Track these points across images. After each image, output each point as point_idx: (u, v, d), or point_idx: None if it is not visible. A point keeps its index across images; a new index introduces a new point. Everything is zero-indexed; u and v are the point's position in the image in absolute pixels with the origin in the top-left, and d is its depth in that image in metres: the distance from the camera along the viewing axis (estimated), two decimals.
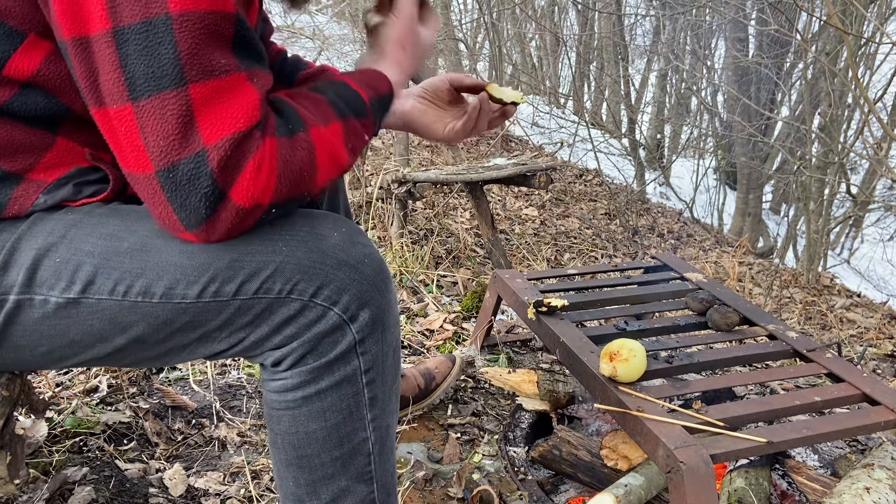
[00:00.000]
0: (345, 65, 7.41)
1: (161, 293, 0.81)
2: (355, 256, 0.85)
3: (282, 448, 0.91)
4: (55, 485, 1.29)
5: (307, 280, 0.82)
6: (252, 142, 0.76)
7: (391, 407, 0.94)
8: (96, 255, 0.81)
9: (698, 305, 1.76)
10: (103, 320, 0.82)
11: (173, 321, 0.82)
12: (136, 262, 0.81)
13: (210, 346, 0.86)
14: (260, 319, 0.83)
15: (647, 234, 5.44)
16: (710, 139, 10.20)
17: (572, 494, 1.52)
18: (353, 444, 0.90)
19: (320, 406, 0.87)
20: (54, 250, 0.81)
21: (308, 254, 0.83)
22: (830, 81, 5.34)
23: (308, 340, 0.84)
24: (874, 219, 9.24)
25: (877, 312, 4.21)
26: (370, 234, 3.01)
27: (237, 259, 0.81)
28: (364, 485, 0.92)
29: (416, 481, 1.46)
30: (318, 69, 1.25)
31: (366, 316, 0.85)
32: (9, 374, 0.98)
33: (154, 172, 0.74)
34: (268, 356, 0.87)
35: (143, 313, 0.82)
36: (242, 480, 1.42)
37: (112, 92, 0.72)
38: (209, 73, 0.73)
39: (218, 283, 0.81)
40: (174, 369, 1.81)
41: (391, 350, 0.91)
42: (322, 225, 0.86)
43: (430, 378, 1.73)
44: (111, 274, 0.81)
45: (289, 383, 0.87)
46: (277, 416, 0.89)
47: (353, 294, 0.84)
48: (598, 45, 9.71)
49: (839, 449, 1.70)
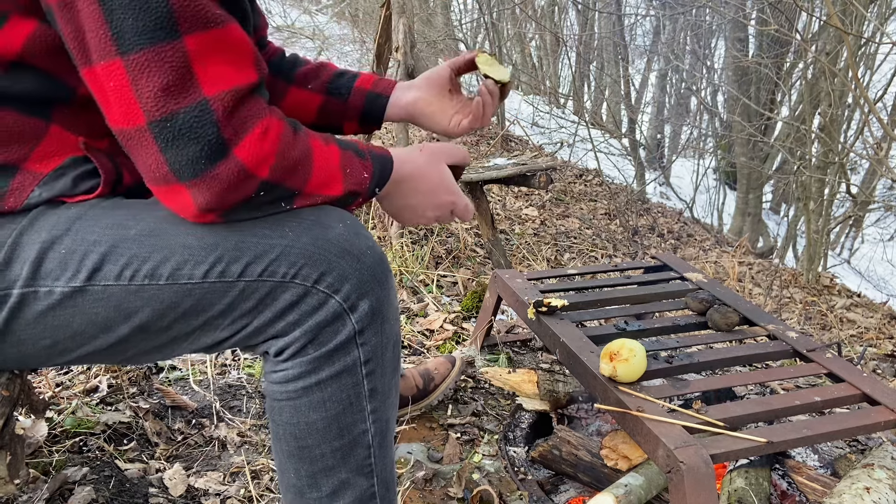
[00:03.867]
0: (345, 65, 7.41)
1: (168, 274, 0.82)
2: (358, 247, 0.86)
3: (283, 439, 0.92)
4: (55, 485, 1.29)
5: (311, 266, 0.84)
6: (258, 106, 0.77)
7: (391, 401, 0.95)
8: (103, 244, 0.82)
9: (698, 305, 1.76)
10: (108, 308, 0.82)
11: (178, 304, 0.83)
12: (144, 247, 0.82)
13: (213, 333, 0.87)
14: (263, 305, 0.84)
15: (647, 234, 5.44)
16: (710, 139, 10.20)
17: (572, 494, 1.52)
18: (354, 436, 0.91)
19: (321, 396, 0.88)
20: (59, 242, 0.81)
21: (313, 241, 0.84)
22: (830, 81, 5.34)
23: (310, 329, 0.85)
24: (874, 219, 9.24)
25: (877, 312, 4.21)
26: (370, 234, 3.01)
27: (243, 240, 0.83)
28: (364, 478, 0.93)
29: (416, 481, 1.46)
30: (316, 65, 1.25)
31: (365, 306, 0.86)
32: (9, 374, 0.98)
33: (146, 124, 0.73)
34: (270, 345, 0.88)
35: (149, 297, 0.82)
36: (242, 480, 1.42)
37: (99, 48, 0.72)
38: (205, 23, 0.73)
39: (224, 263, 0.82)
40: (174, 369, 1.81)
41: (391, 343, 0.92)
42: (327, 216, 0.88)
43: (430, 379, 1.73)
44: (118, 260, 0.81)
45: (290, 374, 0.87)
46: (279, 407, 0.90)
47: (354, 283, 0.85)
48: (598, 45, 9.71)
49: (839, 449, 1.70)
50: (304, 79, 1.21)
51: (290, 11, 8.44)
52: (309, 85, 1.21)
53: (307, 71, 1.23)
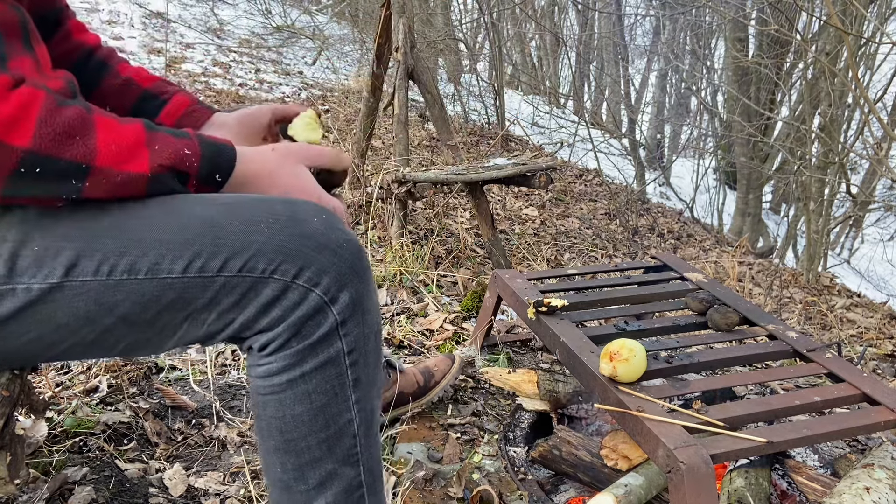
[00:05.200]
0: (345, 65, 7.40)
1: (146, 269, 0.82)
2: (335, 241, 0.87)
3: (268, 434, 0.92)
4: (55, 485, 1.29)
5: (289, 261, 0.85)
6: None
7: (375, 390, 0.96)
8: (76, 239, 0.81)
9: (698, 305, 1.76)
10: (89, 302, 0.82)
11: (159, 298, 0.83)
12: (119, 241, 0.82)
13: (201, 327, 0.87)
14: (246, 300, 0.85)
15: (647, 234, 5.44)
16: (710, 139, 10.20)
17: (572, 494, 1.52)
18: (339, 426, 0.91)
19: (305, 388, 0.88)
20: (31, 239, 0.81)
21: (289, 237, 0.85)
22: (830, 81, 5.34)
23: (293, 324, 0.86)
24: (874, 219, 9.24)
25: (877, 312, 4.20)
26: (370, 233, 3.01)
27: (220, 236, 0.83)
28: (351, 468, 0.93)
29: (416, 481, 1.46)
30: (122, 81, 1.11)
31: (346, 298, 0.87)
32: (9, 374, 0.98)
33: None
34: (255, 340, 0.88)
35: (129, 291, 0.82)
36: (242, 480, 1.42)
37: None
38: None
39: (203, 258, 0.83)
40: (174, 369, 1.81)
41: (372, 333, 0.93)
42: (303, 210, 0.88)
43: (430, 376, 1.73)
44: (94, 255, 0.81)
45: (274, 367, 0.88)
46: (264, 401, 0.91)
47: (333, 276, 0.86)
48: (598, 45, 9.72)
49: (839, 449, 1.70)
50: (102, 100, 1.09)
51: (290, 11, 8.43)
52: (108, 107, 1.09)
53: (109, 88, 1.10)
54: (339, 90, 6.26)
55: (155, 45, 6.00)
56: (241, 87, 5.69)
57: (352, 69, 7.20)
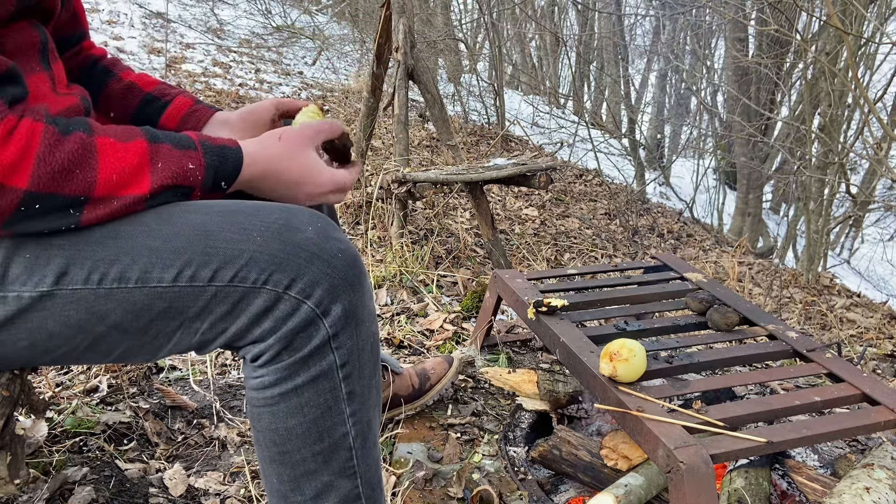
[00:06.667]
0: (345, 65, 7.41)
1: (136, 277, 0.81)
2: (329, 251, 0.86)
3: (264, 445, 0.92)
4: (55, 485, 1.29)
5: (281, 271, 0.83)
6: None
7: (371, 402, 0.94)
8: (66, 247, 0.81)
9: (698, 305, 1.76)
10: (80, 310, 0.82)
11: (151, 307, 0.83)
12: (109, 249, 0.81)
13: (194, 336, 0.87)
14: (238, 310, 0.84)
15: (647, 234, 5.44)
16: (710, 139, 10.20)
17: (572, 494, 1.52)
18: (334, 439, 0.90)
19: (298, 402, 0.88)
20: (23, 248, 0.81)
21: (282, 246, 0.84)
22: (830, 81, 5.34)
23: (284, 336, 0.85)
24: (874, 219, 9.24)
25: (877, 312, 4.20)
26: (370, 234, 3.01)
27: (212, 245, 0.82)
28: (347, 480, 0.93)
29: (416, 481, 1.46)
30: (125, 86, 1.12)
31: (338, 310, 0.86)
32: (9, 374, 0.98)
33: None
34: (248, 350, 0.88)
35: (120, 299, 0.82)
36: (242, 480, 1.42)
37: None
38: None
39: (193, 267, 0.82)
40: (174, 369, 1.81)
41: (367, 345, 0.91)
42: (297, 218, 0.87)
43: (426, 378, 1.73)
44: (84, 263, 0.81)
45: (266, 380, 0.88)
46: (258, 413, 0.90)
47: (325, 288, 0.85)
48: (598, 45, 9.72)
49: (839, 449, 1.70)
50: (107, 104, 1.12)
51: (290, 11, 8.43)
52: (112, 113, 1.12)
53: (113, 93, 1.12)
54: (339, 90, 6.27)
55: (155, 45, 6.01)
56: (241, 88, 5.70)
57: (352, 69, 7.21)
